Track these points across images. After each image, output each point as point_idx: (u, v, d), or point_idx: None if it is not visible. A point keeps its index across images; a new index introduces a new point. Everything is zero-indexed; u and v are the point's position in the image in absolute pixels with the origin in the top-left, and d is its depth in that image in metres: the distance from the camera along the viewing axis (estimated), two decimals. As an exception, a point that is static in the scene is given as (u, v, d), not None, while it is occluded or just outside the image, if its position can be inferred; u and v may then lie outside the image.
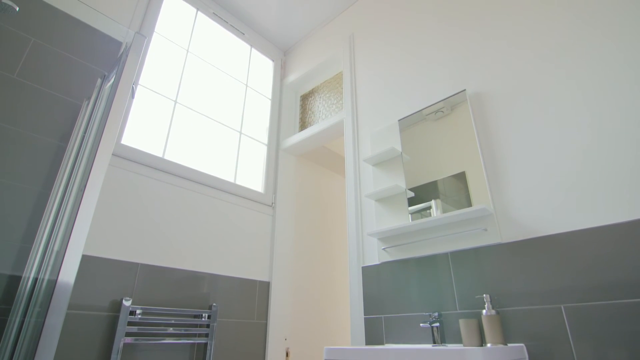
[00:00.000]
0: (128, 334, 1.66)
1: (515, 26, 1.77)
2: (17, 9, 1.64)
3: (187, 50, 2.54)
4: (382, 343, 1.70)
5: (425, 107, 1.92)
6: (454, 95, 1.82)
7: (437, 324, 1.50)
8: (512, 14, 1.80)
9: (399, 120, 2.03)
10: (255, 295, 2.27)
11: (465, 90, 1.78)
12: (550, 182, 1.43)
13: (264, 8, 2.89)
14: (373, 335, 1.75)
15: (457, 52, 1.96)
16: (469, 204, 1.59)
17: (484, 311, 1.37)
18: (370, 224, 1.99)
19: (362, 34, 2.61)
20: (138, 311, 1.70)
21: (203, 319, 1.93)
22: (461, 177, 1.66)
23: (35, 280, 1.35)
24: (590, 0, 1.56)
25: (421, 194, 1.78)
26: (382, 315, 1.75)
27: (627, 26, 1.43)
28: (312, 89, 3.04)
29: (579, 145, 1.41)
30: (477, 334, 1.37)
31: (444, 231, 1.64)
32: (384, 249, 1.82)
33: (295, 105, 3.13)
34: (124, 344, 1.65)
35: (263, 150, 2.82)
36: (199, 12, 2.73)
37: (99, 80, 1.72)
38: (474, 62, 1.86)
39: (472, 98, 1.79)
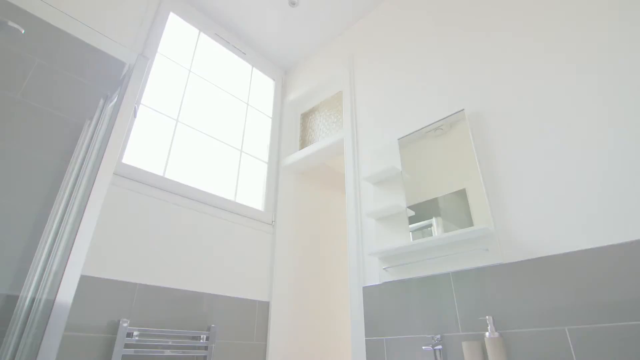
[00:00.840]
0: (125, 357, 1.63)
1: (512, 46, 1.79)
2: (23, 31, 1.67)
3: (189, 70, 2.57)
4: (383, 366, 1.67)
5: (425, 127, 1.94)
6: (452, 115, 1.83)
7: (440, 347, 1.48)
8: (510, 33, 1.83)
9: (398, 139, 2.04)
10: (254, 316, 2.24)
11: (463, 109, 1.80)
12: (551, 201, 1.43)
13: (265, 29, 2.95)
14: (374, 358, 1.71)
15: (455, 71, 1.98)
16: (470, 222, 1.59)
17: (487, 333, 1.34)
18: (370, 243, 1.97)
19: (362, 53, 2.65)
20: (135, 333, 1.68)
21: (201, 341, 1.90)
22: (462, 194, 1.66)
23: (33, 300, 1.33)
24: (588, 9, 1.59)
25: (422, 212, 1.77)
26: (384, 338, 1.71)
27: (627, 34, 1.45)
28: (313, 108, 3.07)
29: (580, 162, 1.41)
30: (481, 358, 1.34)
31: (445, 251, 1.63)
32: (385, 268, 1.80)
33: (296, 124, 3.15)
34: (121, 366, 1.62)
35: (263, 168, 2.83)
36: (201, 33, 2.78)
37: (102, 101, 1.74)
38: (473, 81, 1.88)
39: (470, 117, 1.81)
